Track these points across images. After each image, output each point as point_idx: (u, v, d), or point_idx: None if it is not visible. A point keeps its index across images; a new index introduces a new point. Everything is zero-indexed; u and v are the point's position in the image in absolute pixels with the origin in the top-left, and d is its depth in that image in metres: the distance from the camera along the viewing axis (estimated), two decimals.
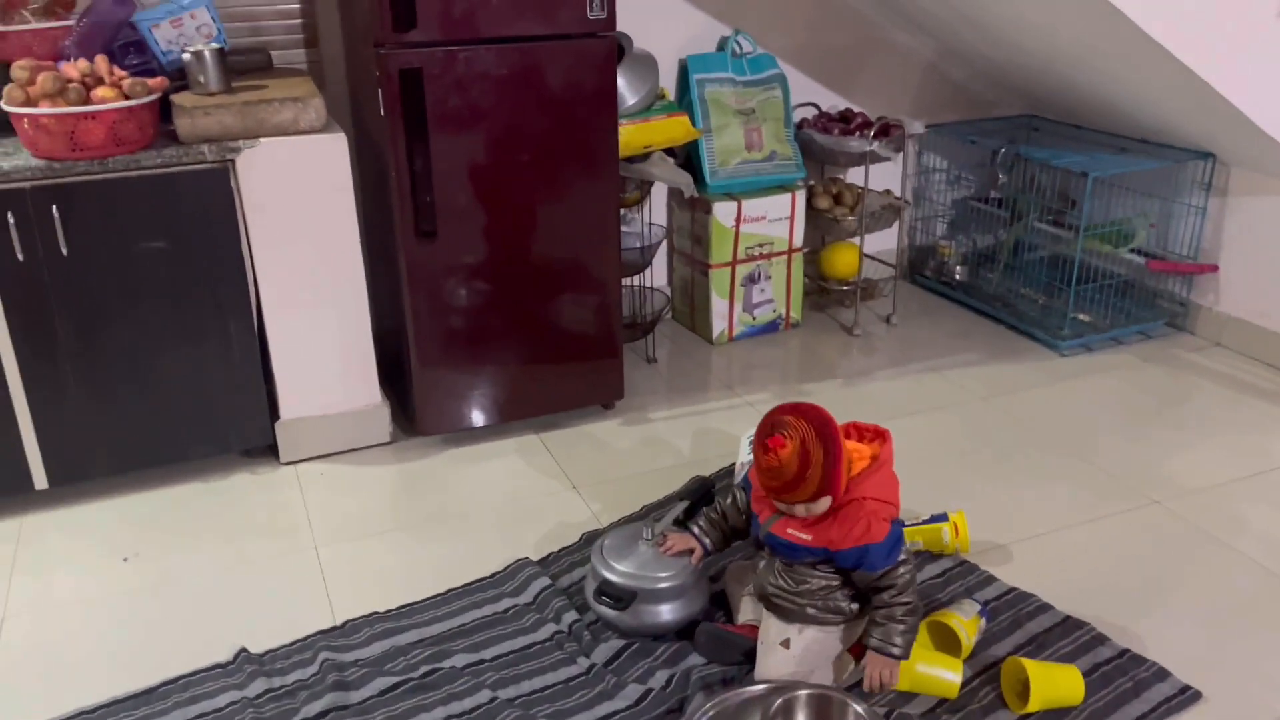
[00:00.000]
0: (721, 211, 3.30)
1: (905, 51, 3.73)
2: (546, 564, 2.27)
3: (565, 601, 2.12)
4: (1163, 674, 1.90)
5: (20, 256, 2.29)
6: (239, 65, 2.71)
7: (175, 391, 2.52)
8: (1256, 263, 3.23)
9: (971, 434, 2.84)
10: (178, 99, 2.41)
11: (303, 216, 2.51)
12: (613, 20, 2.54)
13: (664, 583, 1.99)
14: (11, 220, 2.25)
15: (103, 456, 2.51)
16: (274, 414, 2.67)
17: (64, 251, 2.32)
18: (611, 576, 2.00)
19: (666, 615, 2.00)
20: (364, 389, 2.74)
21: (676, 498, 2.41)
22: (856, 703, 1.71)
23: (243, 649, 2.01)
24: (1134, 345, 3.38)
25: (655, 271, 3.58)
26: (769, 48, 3.51)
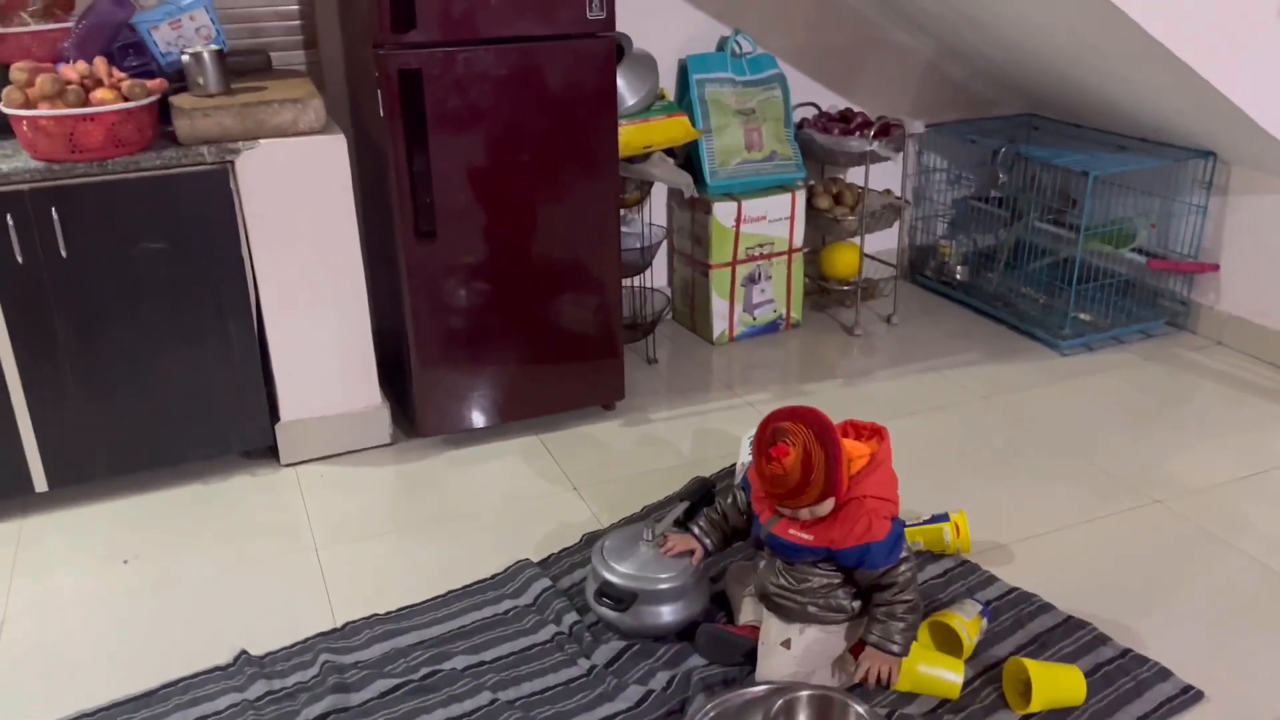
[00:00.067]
0: (721, 212, 3.29)
1: (905, 51, 3.73)
2: (547, 565, 2.27)
3: (566, 603, 2.11)
4: (1165, 674, 1.90)
5: (20, 258, 2.29)
6: (238, 67, 2.71)
7: (175, 393, 2.52)
8: (1257, 261, 3.23)
9: (972, 434, 2.83)
10: (177, 100, 2.41)
11: (302, 217, 2.51)
12: (612, 20, 2.53)
13: (665, 584, 1.99)
14: (11, 222, 2.25)
15: (103, 458, 2.51)
16: (274, 415, 2.67)
17: (63, 253, 2.32)
18: (612, 578, 2.00)
19: (667, 616, 1.99)
20: (364, 390, 2.74)
21: (677, 498, 2.41)
22: (858, 703, 1.71)
23: (243, 651, 2.00)
24: (1135, 344, 3.38)
25: (655, 272, 3.58)
26: (769, 48, 3.51)
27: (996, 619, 2.06)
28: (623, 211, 3.06)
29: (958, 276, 3.79)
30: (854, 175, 3.72)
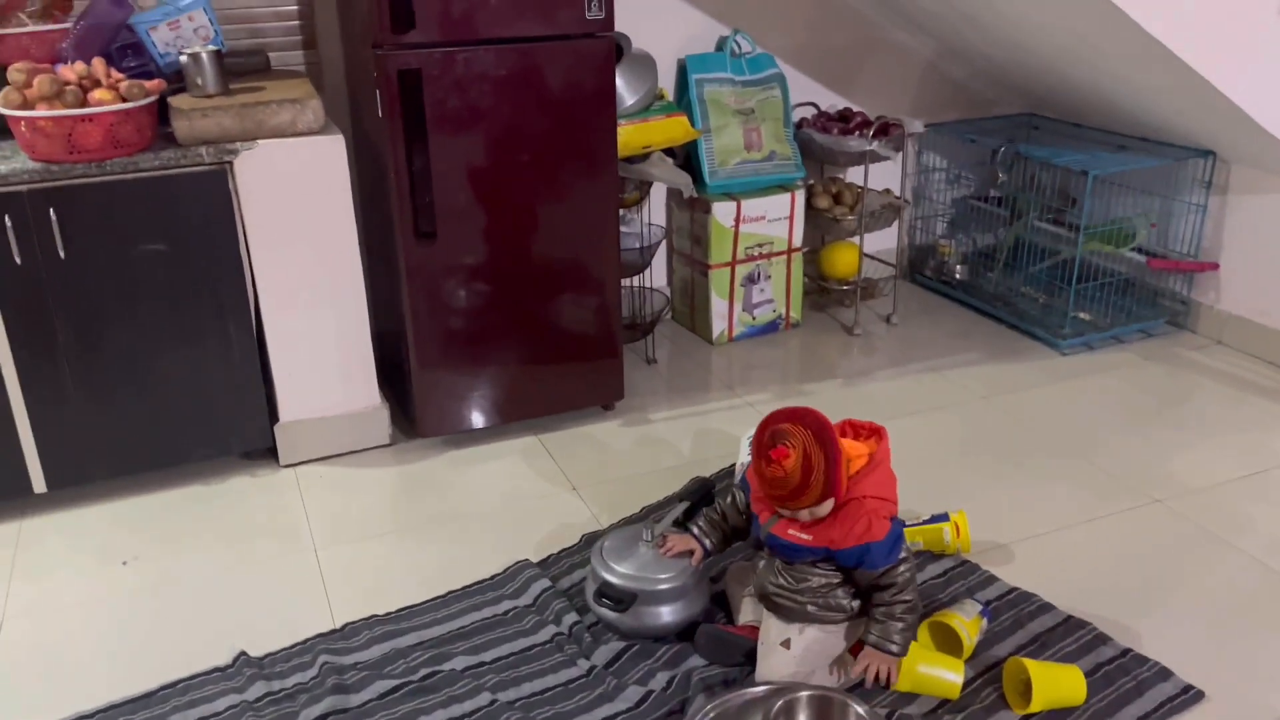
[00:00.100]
0: (721, 211, 3.29)
1: (905, 51, 3.73)
2: (546, 566, 2.26)
3: (565, 603, 2.11)
4: (1165, 673, 1.90)
5: (18, 260, 2.28)
6: (237, 67, 2.71)
7: (174, 394, 2.52)
8: (1257, 260, 3.23)
9: (972, 434, 2.83)
10: (175, 101, 2.41)
11: (301, 218, 2.51)
12: (611, 20, 2.53)
13: (664, 584, 1.98)
14: (9, 223, 2.25)
15: (102, 459, 2.51)
16: (273, 416, 2.66)
17: (62, 254, 2.32)
18: (612, 578, 2.00)
19: (667, 617, 1.99)
20: (363, 391, 2.73)
21: (676, 499, 2.41)
22: (858, 704, 1.71)
23: (242, 652, 2.00)
24: (1135, 344, 3.37)
25: (655, 272, 3.58)
26: (768, 47, 3.51)
27: (996, 619, 2.05)
28: (622, 211, 3.06)
29: (957, 276, 3.78)
30: (853, 175, 3.72)
